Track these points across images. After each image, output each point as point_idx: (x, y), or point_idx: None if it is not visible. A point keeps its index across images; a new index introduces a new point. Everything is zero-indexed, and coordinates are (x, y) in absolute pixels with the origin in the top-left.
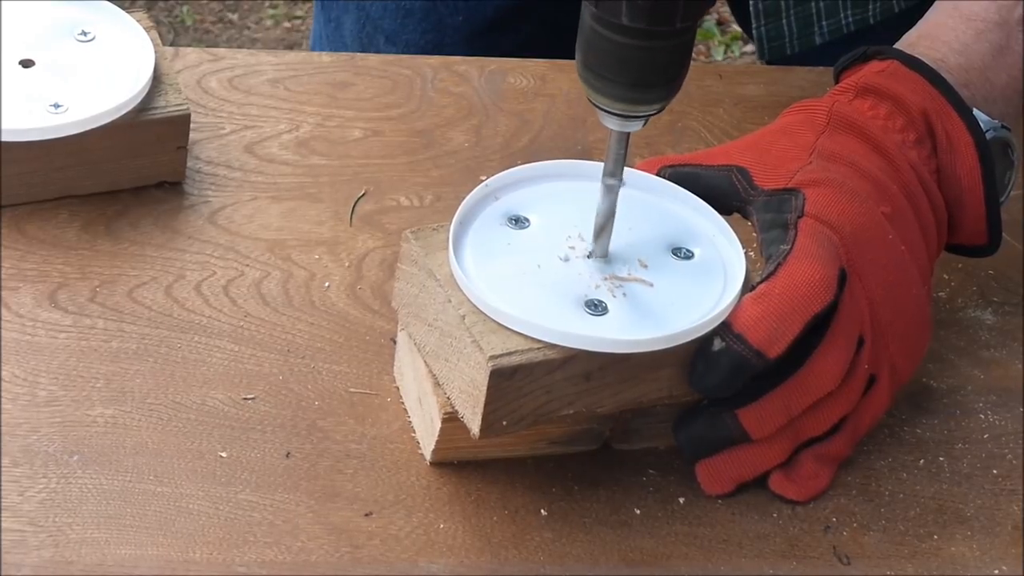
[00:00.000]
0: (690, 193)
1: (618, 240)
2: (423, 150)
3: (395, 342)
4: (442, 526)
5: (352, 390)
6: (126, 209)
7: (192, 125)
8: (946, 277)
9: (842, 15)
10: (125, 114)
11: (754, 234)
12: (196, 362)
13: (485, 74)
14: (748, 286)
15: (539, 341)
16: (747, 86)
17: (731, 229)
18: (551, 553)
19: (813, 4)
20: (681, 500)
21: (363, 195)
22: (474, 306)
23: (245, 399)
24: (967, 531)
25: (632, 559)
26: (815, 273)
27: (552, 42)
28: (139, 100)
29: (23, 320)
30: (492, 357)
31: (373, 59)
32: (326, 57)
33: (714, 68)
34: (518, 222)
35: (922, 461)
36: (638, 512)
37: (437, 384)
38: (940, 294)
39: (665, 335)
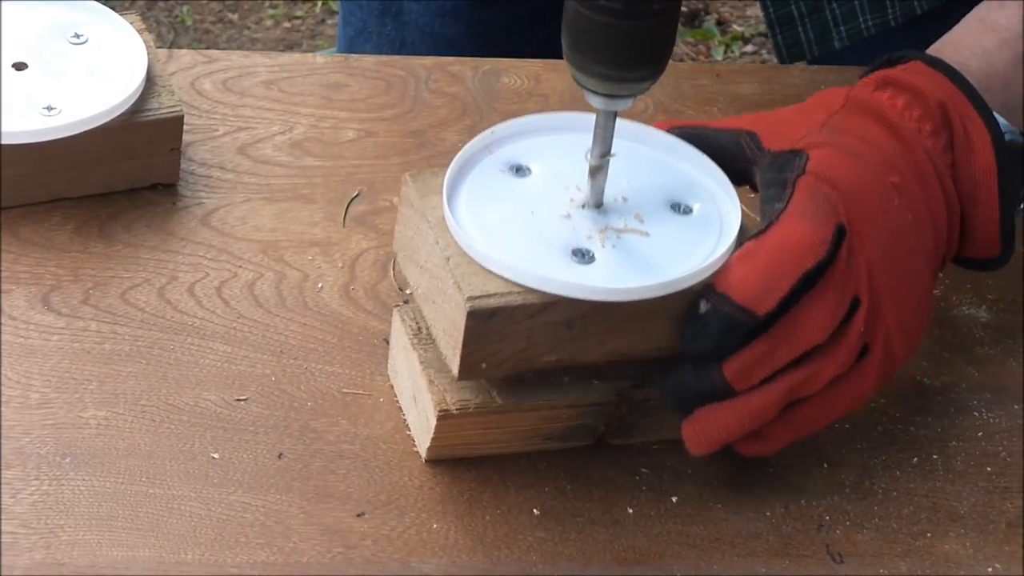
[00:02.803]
0: (694, 148)
1: (617, 194)
2: (417, 151)
3: (388, 342)
4: (435, 526)
5: (345, 391)
6: (119, 211)
7: (185, 127)
8: (941, 275)
9: (860, 19)
10: (118, 116)
11: (753, 195)
12: (189, 364)
13: (479, 74)
14: (742, 241)
15: (520, 285)
16: (742, 84)
17: (732, 186)
18: (544, 552)
19: (828, 12)
20: (674, 499)
21: (356, 196)
22: (460, 248)
23: (238, 400)
24: (961, 529)
25: (625, 558)
26: (807, 231)
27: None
28: (132, 102)
29: (16, 322)
30: (471, 298)
31: (367, 60)
32: (320, 58)
33: (711, 67)
34: (519, 171)
35: (916, 459)
36: (631, 511)
37: (431, 382)
38: (935, 291)
39: (647, 284)
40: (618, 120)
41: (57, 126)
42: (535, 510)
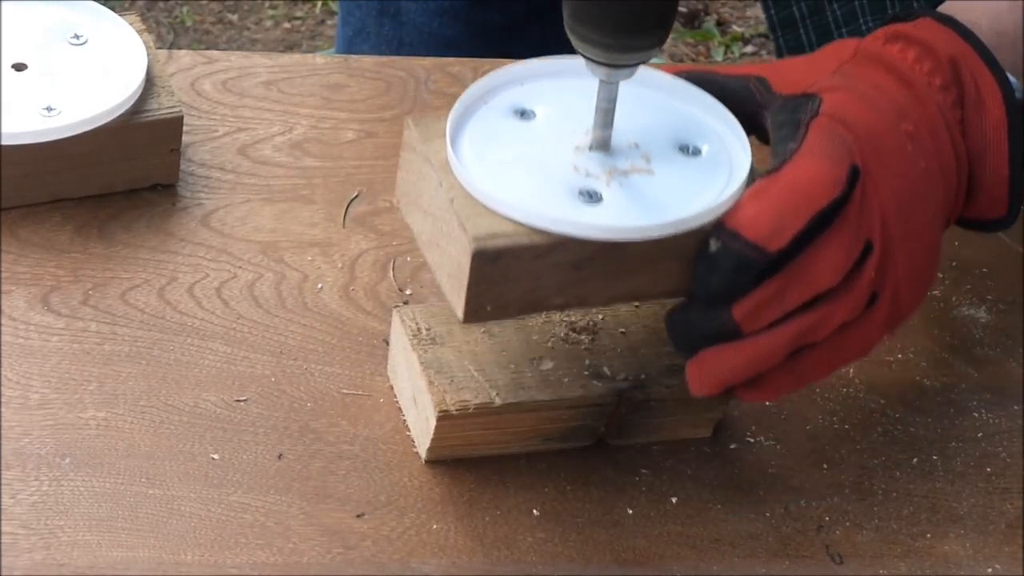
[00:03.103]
0: (702, 91)
1: (625, 136)
2: None
3: (388, 343)
4: (434, 527)
5: (345, 391)
6: (119, 212)
7: (185, 127)
8: (940, 275)
9: (861, 21)
10: (118, 117)
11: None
12: (188, 364)
13: (478, 75)
14: (753, 181)
15: (526, 226)
16: None
17: (742, 128)
18: (543, 553)
19: (829, 13)
20: (674, 500)
21: (356, 197)
22: (464, 190)
23: (237, 401)
24: (960, 529)
25: (625, 559)
26: (822, 168)
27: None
28: (132, 103)
29: (16, 323)
30: (476, 239)
31: (367, 60)
32: (319, 59)
33: (710, 67)
34: (524, 115)
35: (915, 459)
36: (631, 512)
37: (431, 382)
38: (934, 292)
39: (657, 223)
40: None
41: (57, 126)
42: (535, 511)
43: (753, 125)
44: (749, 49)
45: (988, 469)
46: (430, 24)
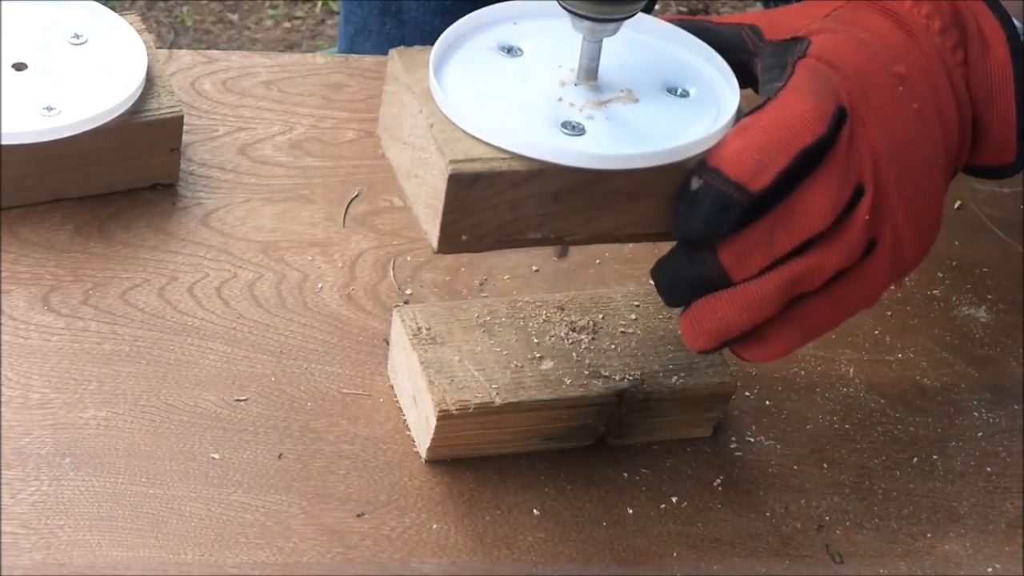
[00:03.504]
0: (693, 37)
1: (612, 75)
2: None
3: (388, 343)
4: (434, 526)
5: (345, 391)
6: (119, 211)
7: (185, 127)
8: (940, 275)
9: None
10: (118, 116)
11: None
12: (189, 364)
13: None
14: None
15: (505, 151)
16: None
17: (731, 71)
18: (543, 553)
19: None
20: (674, 499)
21: (356, 196)
22: (444, 116)
23: (238, 400)
24: (960, 529)
25: (625, 558)
26: (805, 104)
27: None
28: (132, 102)
29: (16, 323)
30: (453, 162)
31: (367, 60)
32: (319, 59)
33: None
34: (510, 51)
35: (916, 459)
36: (631, 511)
37: (432, 382)
38: (934, 291)
39: (638, 153)
40: None
41: (57, 126)
42: (535, 510)
43: (746, 74)
44: None
45: (988, 469)
46: (431, 23)
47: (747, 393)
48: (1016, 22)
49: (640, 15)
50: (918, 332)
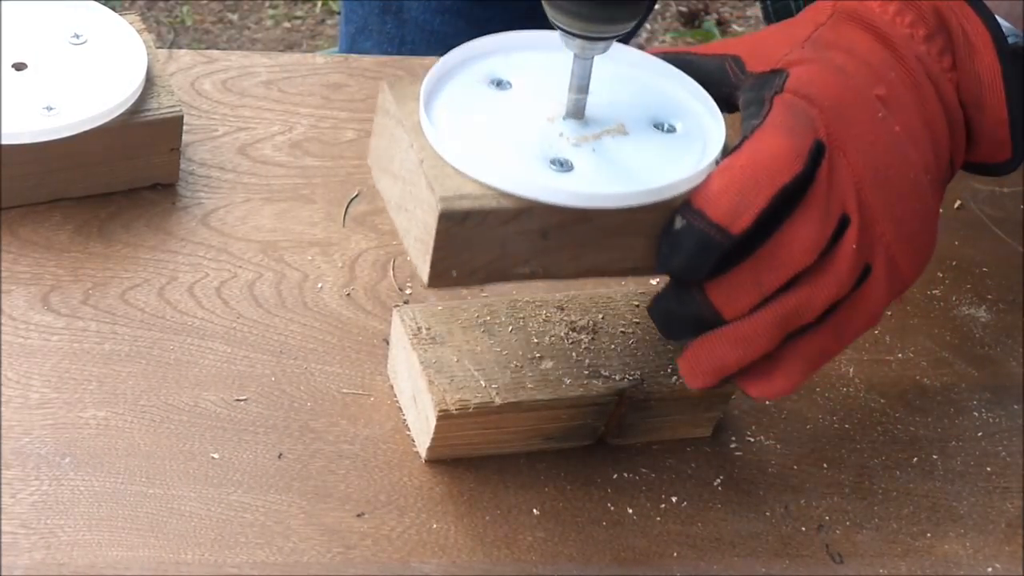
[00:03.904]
0: (678, 71)
1: (600, 110)
2: None
3: (388, 342)
4: (434, 526)
5: (345, 391)
6: (119, 211)
7: (185, 127)
8: (940, 275)
9: None
10: (118, 116)
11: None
12: (188, 364)
13: None
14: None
15: (494, 189)
16: None
17: (717, 107)
18: (543, 552)
19: None
20: (674, 499)
21: (356, 196)
22: (434, 152)
23: (237, 400)
24: (960, 529)
25: (625, 558)
26: (781, 143)
27: None
28: (132, 102)
29: (16, 323)
30: (443, 199)
31: (367, 60)
32: (319, 58)
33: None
34: (500, 84)
35: (915, 459)
36: (631, 511)
37: (431, 382)
38: (934, 291)
39: (624, 191)
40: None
41: (57, 126)
42: (535, 510)
43: (731, 106)
44: None
45: (988, 469)
46: (432, 22)
47: None
48: (1004, 22)
49: (628, 49)
50: (918, 332)
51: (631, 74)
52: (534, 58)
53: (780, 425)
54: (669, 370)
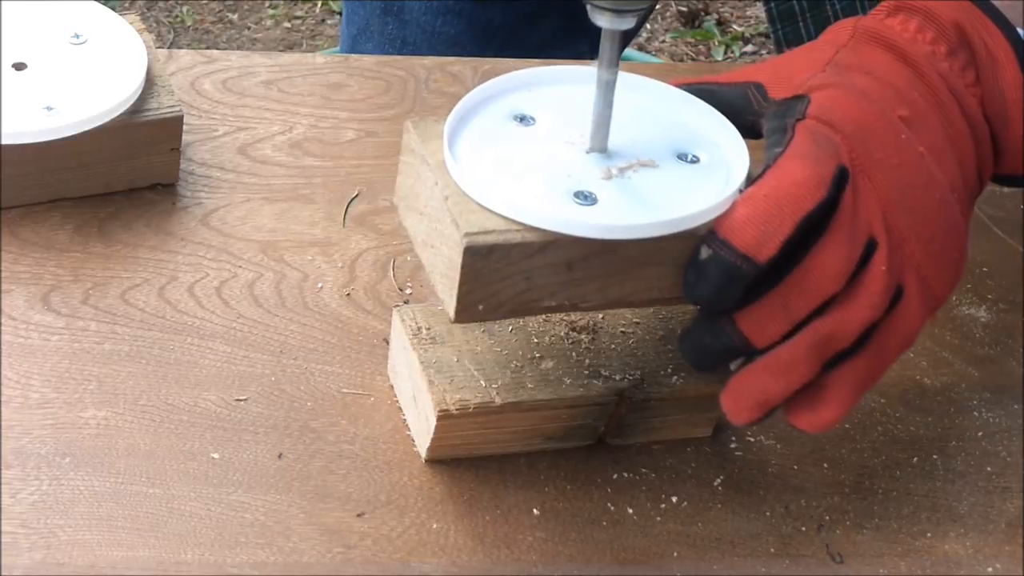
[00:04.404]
0: (701, 101)
1: (623, 143)
2: None
3: (388, 342)
4: (434, 526)
5: (345, 391)
6: (119, 211)
7: (185, 127)
8: None
9: (860, 15)
10: (118, 116)
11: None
12: (188, 364)
13: (479, 75)
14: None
15: (519, 223)
16: None
17: (740, 137)
18: (543, 552)
19: (829, 7)
20: (674, 499)
21: (356, 196)
22: (458, 188)
23: (237, 400)
24: (960, 529)
25: (625, 558)
26: (804, 171)
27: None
28: (132, 102)
29: (16, 323)
30: (468, 234)
31: (367, 60)
32: (319, 58)
33: (711, 67)
34: (523, 120)
35: (916, 459)
36: (631, 511)
37: (431, 382)
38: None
39: (648, 223)
40: (624, 74)
41: (57, 126)
42: (535, 510)
43: (755, 133)
44: (749, 48)
45: (988, 468)
46: (433, 23)
47: None
48: (1020, 29)
49: (651, 81)
50: None
51: (654, 106)
52: (557, 93)
53: (780, 425)
54: (669, 370)
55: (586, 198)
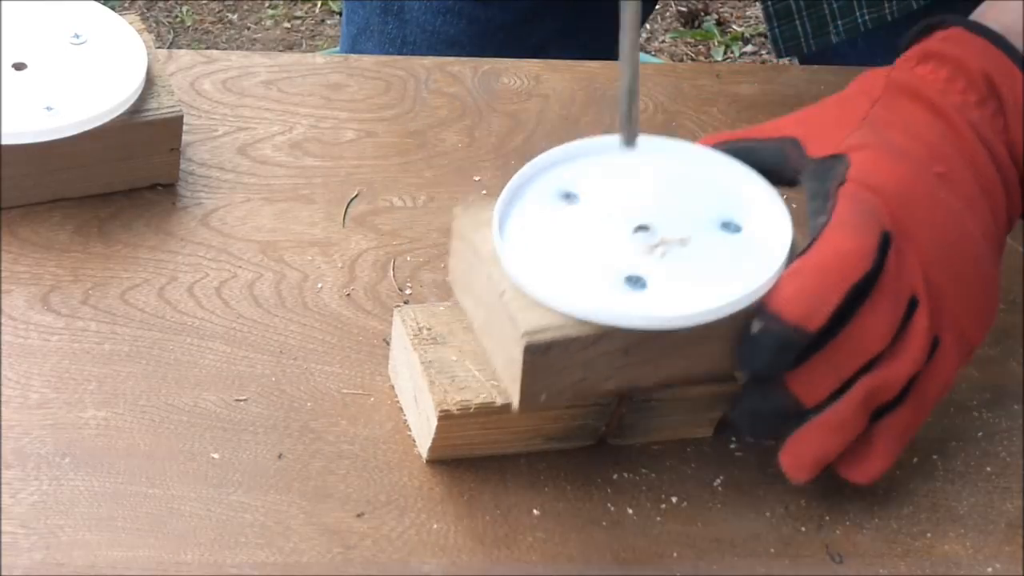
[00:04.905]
0: (742, 164)
1: (665, 214)
2: (416, 151)
3: (388, 343)
4: (434, 526)
5: (345, 391)
6: (119, 211)
7: (185, 127)
8: None
9: (857, 14)
10: (118, 116)
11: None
12: (188, 364)
13: (479, 75)
14: (793, 260)
15: (575, 317)
16: (742, 85)
17: (783, 202)
18: (543, 553)
19: (826, 5)
20: (674, 499)
21: (356, 196)
22: (514, 283)
23: (237, 400)
24: (960, 529)
25: (625, 559)
26: (850, 243)
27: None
28: (132, 102)
29: (16, 323)
30: (527, 333)
31: (366, 60)
32: (319, 59)
33: (711, 67)
34: (568, 197)
35: (915, 459)
36: (631, 511)
37: (433, 382)
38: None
39: (700, 311)
40: (662, 139)
41: (57, 126)
42: (535, 510)
43: (790, 183)
44: (749, 48)
45: (988, 469)
46: (433, 22)
47: None
48: None
49: (684, 143)
50: None
51: (690, 171)
52: (599, 164)
53: None
54: None
55: (636, 282)
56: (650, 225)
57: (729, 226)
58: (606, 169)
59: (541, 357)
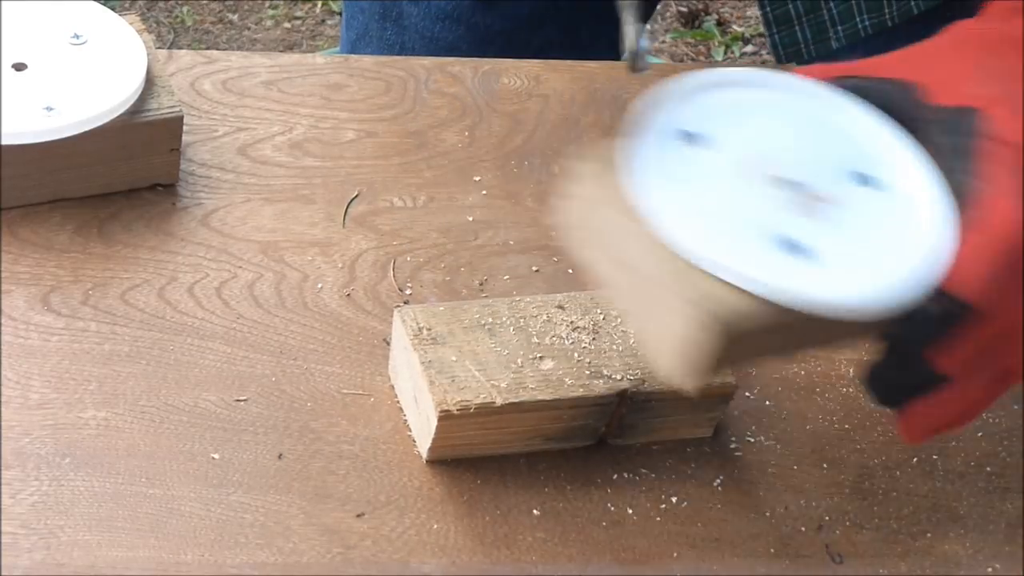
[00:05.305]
0: (867, 107)
1: (802, 163)
2: (416, 151)
3: (388, 343)
4: (434, 526)
5: (345, 391)
6: (119, 212)
7: (185, 127)
8: None
9: (857, 19)
10: (118, 117)
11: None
12: (188, 364)
13: (479, 75)
14: (954, 226)
15: (759, 298)
16: None
17: (916, 149)
18: (543, 553)
19: (826, 11)
20: (674, 499)
21: (356, 196)
22: (667, 248)
23: (237, 401)
24: (960, 529)
25: (625, 559)
26: (1017, 212)
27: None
28: (132, 103)
29: (16, 323)
30: (716, 317)
31: (366, 60)
32: (319, 59)
33: (709, 67)
34: (691, 138)
35: (916, 459)
36: (631, 511)
37: (433, 382)
38: None
39: (882, 296)
40: (774, 73)
41: (57, 126)
42: (535, 510)
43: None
44: (749, 49)
45: (988, 469)
46: (432, 29)
47: (747, 393)
48: None
49: (796, 79)
50: None
51: (810, 111)
52: (726, 102)
53: (780, 425)
54: None
55: (794, 249)
56: (788, 176)
57: (868, 180)
58: (733, 107)
59: (719, 341)
